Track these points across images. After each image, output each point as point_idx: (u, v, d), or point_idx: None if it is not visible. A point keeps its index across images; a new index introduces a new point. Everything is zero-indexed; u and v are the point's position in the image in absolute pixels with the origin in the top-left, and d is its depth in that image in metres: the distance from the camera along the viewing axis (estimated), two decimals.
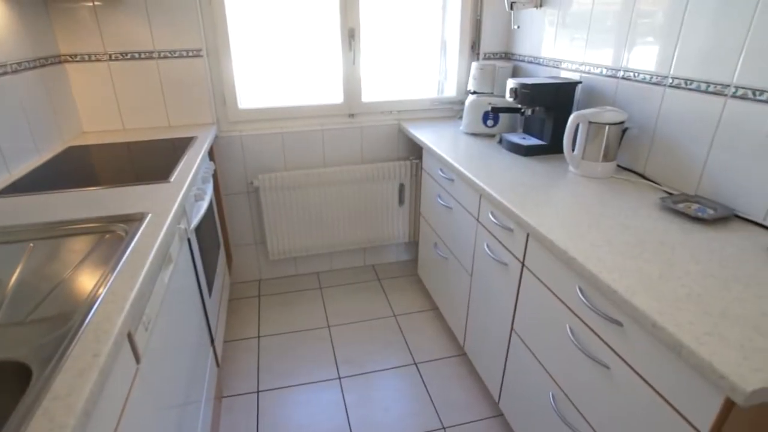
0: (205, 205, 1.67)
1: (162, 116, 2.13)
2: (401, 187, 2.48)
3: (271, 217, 2.38)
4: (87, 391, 0.62)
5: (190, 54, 2.06)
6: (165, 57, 2.03)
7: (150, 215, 1.16)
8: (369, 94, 2.38)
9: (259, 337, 2.15)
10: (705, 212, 1.25)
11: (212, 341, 1.68)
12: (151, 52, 2.01)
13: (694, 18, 1.33)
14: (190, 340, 1.34)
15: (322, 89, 2.35)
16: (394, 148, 2.46)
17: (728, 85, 1.26)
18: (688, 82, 1.38)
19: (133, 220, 1.15)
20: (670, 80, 1.44)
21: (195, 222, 1.51)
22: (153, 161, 1.65)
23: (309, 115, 2.34)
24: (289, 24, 2.20)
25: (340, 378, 1.90)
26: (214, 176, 2.23)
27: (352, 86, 2.31)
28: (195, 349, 1.40)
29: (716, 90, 1.29)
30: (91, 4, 1.88)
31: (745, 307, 0.89)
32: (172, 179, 1.44)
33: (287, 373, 1.93)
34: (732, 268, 1.02)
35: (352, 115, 2.39)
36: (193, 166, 1.58)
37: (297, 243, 2.47)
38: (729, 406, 0.76)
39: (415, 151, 2.49)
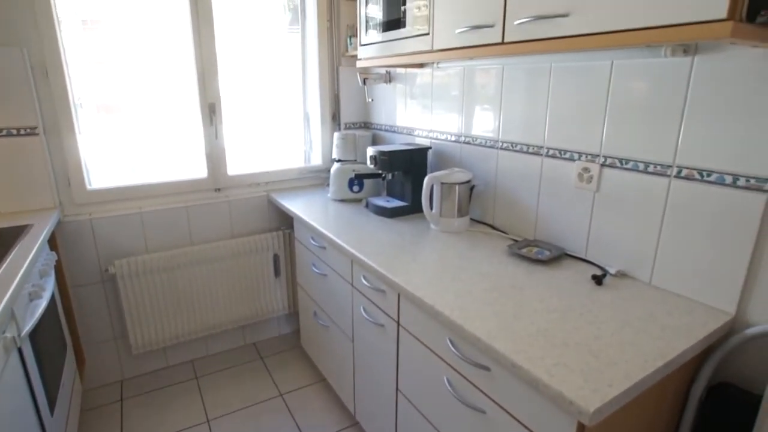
0: (43, 303, 1.44)
1: None
2: (276, 258, 2.43)
3: (132, 306, 2.13)
4: None
5: (22, 132, 1.84)
6: None
7: None
8: (235, 167, 2.35)
9: None
10: (543, 254, 1.44)
11: None
12: None
13: (510, 94, 1.60)
14: None
15: (185, 164, 2.26)
16: (265, 219, 2.43)
17: (542, 147, 1.51)
18: (514, 145, 1.62)
19: None
20: (501, 144, 1.68)
21: (29, 326, 1.29)
22: None
23: (171, 191, 2.21)
24: (146, 98, 2.11)
25: None
26: (58, 267, 1.95)
27: (216, 160, 2.26)
28: None
29: (534, 151, 1.55)
30: None
31: (580, 334, 1.02)
32: None
33: None
34: (567, 300, 1.18)
35: (218, 189, 2.32)
36: (25, 259, 1.37)
37: (166, 331, 2.23)
38: (582, 426, 0.86)
39: (287, 220, 2.49)
